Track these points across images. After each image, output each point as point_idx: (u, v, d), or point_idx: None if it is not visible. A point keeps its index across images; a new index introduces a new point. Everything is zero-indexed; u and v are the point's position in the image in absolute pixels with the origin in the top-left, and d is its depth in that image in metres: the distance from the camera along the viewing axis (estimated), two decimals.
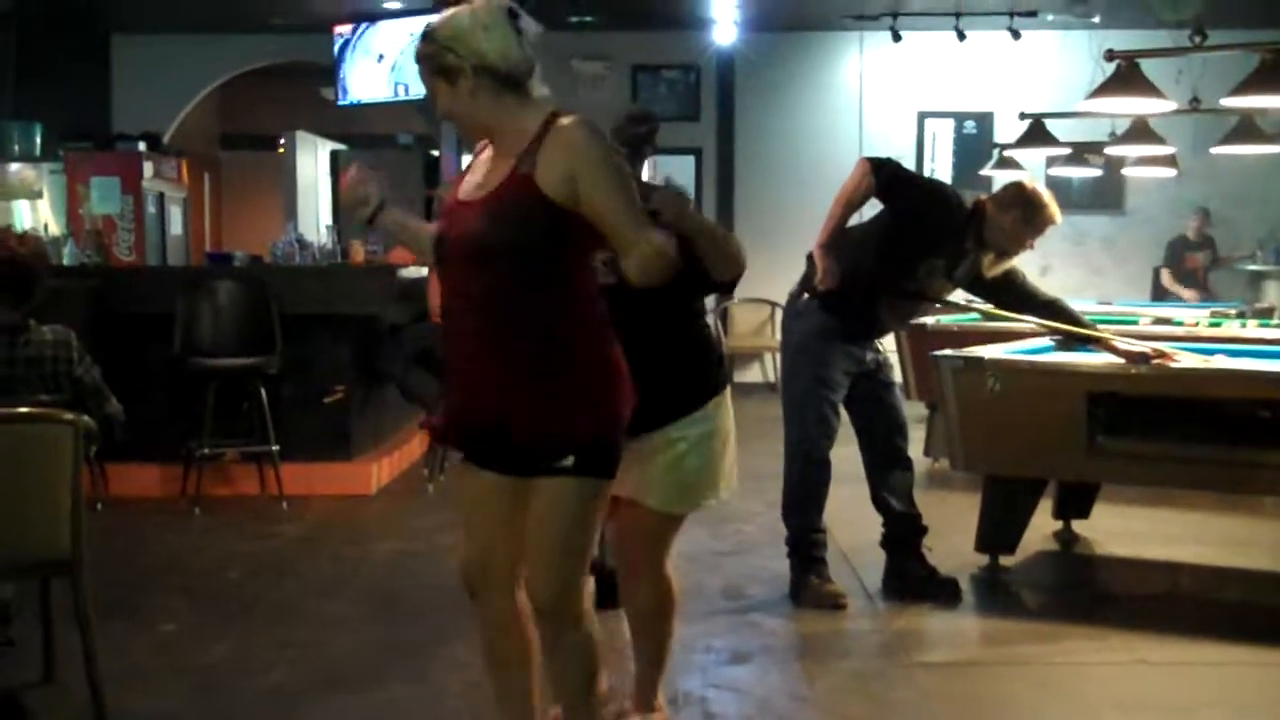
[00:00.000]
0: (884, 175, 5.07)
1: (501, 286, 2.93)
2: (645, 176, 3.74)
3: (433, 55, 2.96)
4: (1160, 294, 11.78)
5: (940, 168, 12.42)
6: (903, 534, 5.33)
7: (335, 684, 4.29)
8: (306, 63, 12.40)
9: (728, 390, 3.66)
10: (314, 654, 4.57)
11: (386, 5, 10.96)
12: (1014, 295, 5.39)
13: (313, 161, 12.83)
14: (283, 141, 12.88)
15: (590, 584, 3.48)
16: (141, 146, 11.51)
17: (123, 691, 4.07)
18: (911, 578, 5.29)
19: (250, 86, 13.37)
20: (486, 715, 4.10)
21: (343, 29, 11.26)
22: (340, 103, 11.64)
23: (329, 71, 11.62)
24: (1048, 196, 5.19)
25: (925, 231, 5.11)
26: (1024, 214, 5.14)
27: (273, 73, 13.01)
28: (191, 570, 5.88)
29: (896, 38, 11.28)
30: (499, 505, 3.08)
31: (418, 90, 11.14)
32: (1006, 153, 9.55)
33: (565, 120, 2.94)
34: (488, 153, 3.09)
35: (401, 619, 5.05)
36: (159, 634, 4.91)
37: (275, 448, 7.05)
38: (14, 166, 11.62)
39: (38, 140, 11.69)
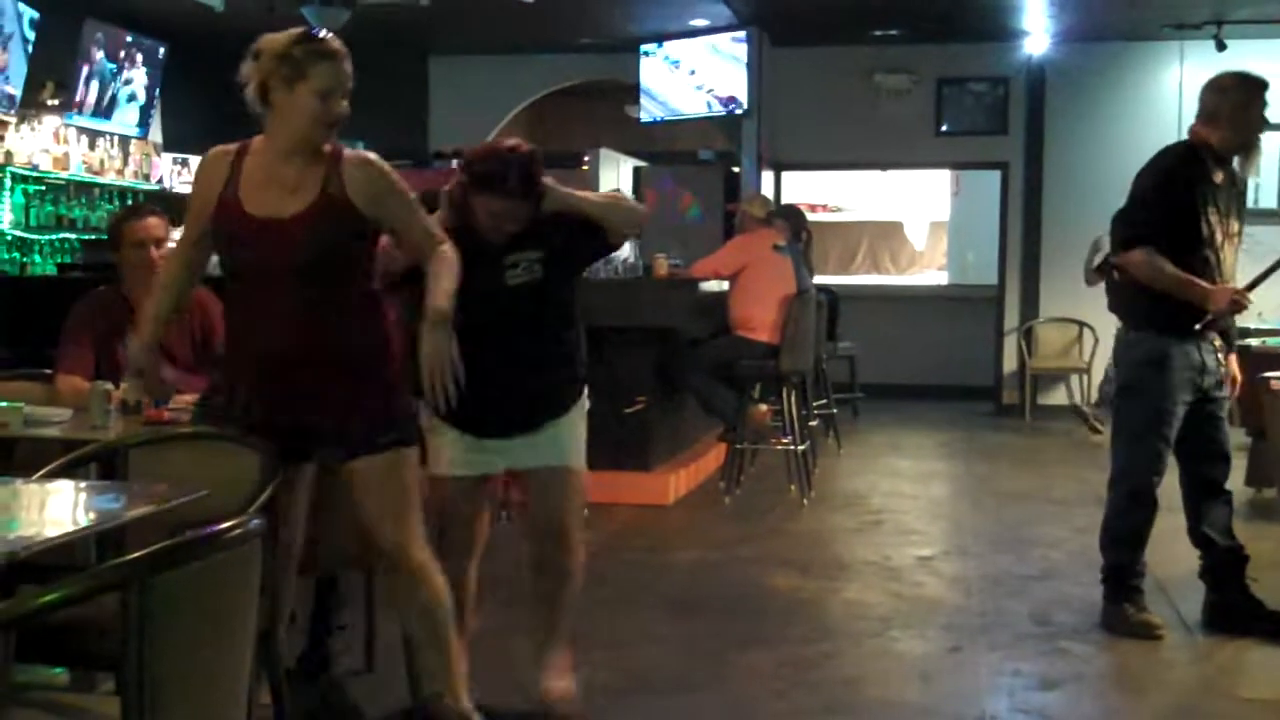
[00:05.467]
0: (1127, 233, 4.87)
1: (329, 293, 3.32)
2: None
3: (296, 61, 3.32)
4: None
5: (1265, 182, 11.75)
6: (1225, 566, 5.05)
7: (639, 688, 4.35)
8: (611, 81, 12.67)
9: None
10: (617, 656, 4.65)
11: (692, 23, 11.11)
12: None
13: (614, 177, 13.10)
14: (586, 158, 13.20)
15: None
16: (456, 165, 11.94)
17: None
18: (1236, 611, 5.01)
19: (557, 105, 13.75)
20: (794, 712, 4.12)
21: (648, 47, 11.47)
22: (644, 120, 11.86)
23: (633, 89, 11.85)
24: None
25: (1176, 204, 4.84)
26: (1235, 95, 4.87)
27: (579, 91, 13.34)
28: (501, 570, 6.04)
29: (1221, 47, 10.75)
30: (307, 496, 3.52)
31: (720, 106, 11.29)
32: None
33: (350, 151, 3.41)
34: (260, 167, 3.33)
35: (702, 626, 5.09)
36: (470, 629, 5.06)
37: None
38: None
39: None
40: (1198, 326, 4.84)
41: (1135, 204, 4.97)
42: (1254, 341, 7.11)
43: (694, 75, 11.28)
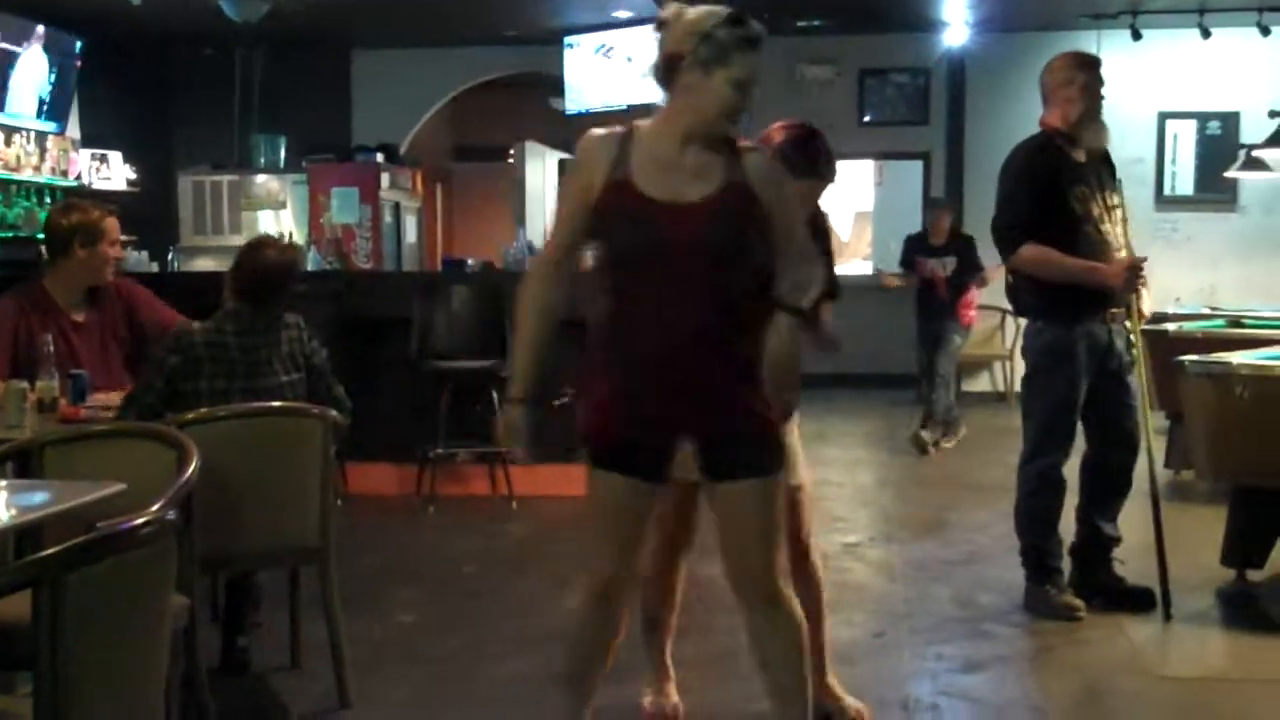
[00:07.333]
0: (1012, 235, 5.02)
1: (734, 287, 3.05)
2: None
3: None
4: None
5: (1182, 170, 11.94)
6: (1098, 550, 5.17)
7: None
8: (535, 74, 12.63)
9: None
10: (550, 646, 4.63)
11: (615, 14, 11.09)
12: None
13: (540, 171, 13.08)
14: (512, 152, 13.17)
15: None
16: (379, 158, 11.90)
17: (364, 678, 4.20)
18: (1102, 587, 5.13)
19: (481, 99, 13.69)
20: (720, 710, 4.14)
21: (572, 39, 11.45)
22: (570, 112, 11.83)
23: (557, 83, 11.82)
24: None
25: (1042, 191, 4.98)
26: (1060, 74, 5.11)
27: (502, 85, 13.29)
28: (426, 565, 6.04)
29: (1136, 36, 10.92)
30: (645, 511, 3.28)
31: (638, 98, 11.27)
32: (1255, 153, 9.16)
33: (746, 142, 3.15)
34: (655, 149, 3.08)
35: (632, 616, 5.07)
36: (396, 624, 5.05)
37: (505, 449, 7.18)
38: (260, 178, 12.16)
39: (282, 153, 12.21)
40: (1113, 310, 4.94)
41: (1005, 206, 5.09)
42: (1171, 326, 7.22)
43: (616, 69, 11.24)
